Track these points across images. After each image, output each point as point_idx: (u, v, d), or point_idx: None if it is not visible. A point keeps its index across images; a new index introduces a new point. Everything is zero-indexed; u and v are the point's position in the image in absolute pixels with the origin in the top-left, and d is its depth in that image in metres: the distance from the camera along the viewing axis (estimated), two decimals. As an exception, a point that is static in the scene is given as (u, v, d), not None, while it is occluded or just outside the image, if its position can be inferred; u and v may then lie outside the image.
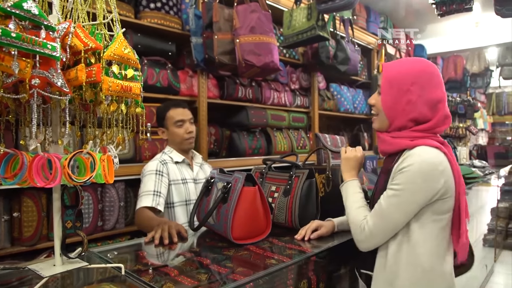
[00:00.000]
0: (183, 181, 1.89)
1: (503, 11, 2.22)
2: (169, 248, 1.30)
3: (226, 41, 2.17)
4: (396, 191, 1.11)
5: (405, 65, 1.18)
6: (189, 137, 1.91)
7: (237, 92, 2.77)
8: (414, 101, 1.14)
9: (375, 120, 1.26)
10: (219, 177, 1.45)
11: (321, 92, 3.57)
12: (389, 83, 1.17)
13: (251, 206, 1.30)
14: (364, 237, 1.16)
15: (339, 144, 2.05)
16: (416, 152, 1.11)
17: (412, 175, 1.08)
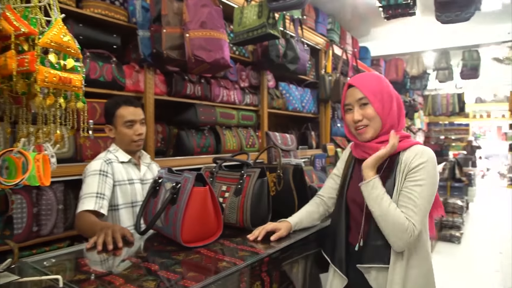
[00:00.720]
0: (130, 181, 1.79)
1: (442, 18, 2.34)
2: (113, 254, 1.21)
3: (175, 36, 2.09)
4: (423, 185, 1.23)
5: (369, 75, 1.39)
6: (138, 139, 1.80)
7: (186, 89, 2.69)
8: (395, 100, 1.35)
9: (366, 131, 1.34)
10: (168, 177, 1.38)
11: (270, 90, 3.57)
12: (372, 93, 1.31)
13: (202, 207, 1.25)
14: (413, 238, 1.21)
15: (289, 143, 2.05)
16: (425, 151, 1.28)
17: (431, 169, 1.25)
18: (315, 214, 1.53)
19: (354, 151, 1.44)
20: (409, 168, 1.27)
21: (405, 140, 1.34)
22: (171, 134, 2.75)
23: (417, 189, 1.23)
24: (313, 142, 4.15)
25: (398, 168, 1.30)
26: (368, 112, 1.32)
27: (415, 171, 1.25)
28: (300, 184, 1.69)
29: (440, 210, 1.42)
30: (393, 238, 1.22)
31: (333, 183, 1.55)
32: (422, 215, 1.23)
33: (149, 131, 2.46)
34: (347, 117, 1.38)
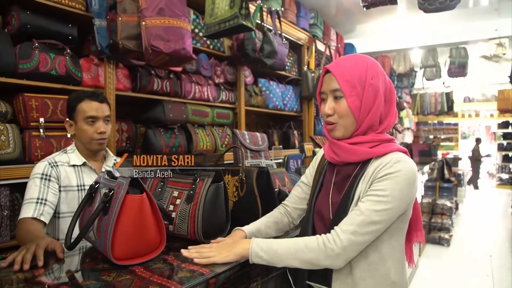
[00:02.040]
0: (80, 187, 1.60)
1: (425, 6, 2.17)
2: (33, 274, 1.01)
3: (131, 24, 1.89)
4: (382, 197, 1.01)
5: (352, 60, 1.12)
6: (99, 138, 1.61)
7: (152, 84, 2.49)
8: (380, 95, 1.10)
9: (335, 129, 1.12)
10: (105, 182, 1.18)
11: (248, 87, 3.39)
12: (348, 83, 1.08)
13: (138, 218, 1.06)
14: (335, 254, 1.01)
15: (259, 142, 1.86)
16: (403, 159, 1.06)
17: (401, 181, 1.03)
18: (277, 225, 1.32)
19: (326, 151, 1.22)
20: (374, 178, 1.06)
21: (382, 145, 1.11)
22: (137, 133, 2.55)
23: (370, 199, 1.02)
24: (296, 141, 3.98)
25: (361, 178, 1.09)
26: (340, 108, 1.09)
27: (378, 181, 1.04)
28: (266, 189, 1.50)
29: (420, 235, 1.22)
30: (318, 263, 1.03)
31: (300, 192, 1.35)
32: (364, 230, 1.00)
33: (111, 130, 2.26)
34: (322, 107, 1.16)
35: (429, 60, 5.76)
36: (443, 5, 2.16)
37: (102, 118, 1.62)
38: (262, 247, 1.05)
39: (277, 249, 1.04)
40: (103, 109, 1.63)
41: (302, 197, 1.34)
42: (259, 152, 1.93)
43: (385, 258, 1.06)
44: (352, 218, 1.02)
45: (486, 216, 7.60)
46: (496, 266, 4.63)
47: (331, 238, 1.02)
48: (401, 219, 1.08)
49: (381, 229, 1.02)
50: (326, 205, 1.15)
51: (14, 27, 1.95)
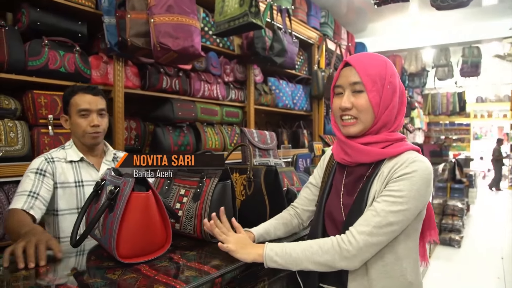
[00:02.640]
0: (78, 184, 1.57)
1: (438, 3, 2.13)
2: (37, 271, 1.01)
3: (140, 22, 1.88)
4: (398, 198, 0.99)
5: (372, 57, 1.11)
6: (92, 131, 1.56)
7: (161, 82, 2.48)
8: (396, 94, 1.09)
9: (353, 125, 1.09)
10: (111, 179, 1.17)
11: (258, 86, 3.37)
12: (370, 78, 1.06)
13: (143, 216, 1.05)
14: (351, 256, 0.99)
15: (268, 141, 1.84)
16: (418, 158, 1.03)
17: (417, 182, 1.00)
18: (287, 227, 1.30)
19: (335, 151, 1.19)
20: (389, 178, 1.03)
21: (395, 145, 1.09)
22: (146, 131, 2.54)
23: (386, 199, 1.00)
24: (305, 141, 3.95)
25: (375, 179, 1.06)
26: (360, 102, 1.07)
27: (394, 181, 1.02)
28: (274, 188, 1.48)
29: (434, 234, 1.19)
30: (334, 264, 1.01)
31: (309, 193, 1.32)
32: (380, 231, 0.98)
33: (119, 127, 2.27)
34: (335, 102, 1.13)
35: (441, 59, 5.68)
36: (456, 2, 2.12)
37: (95, 111, 1.58)
38: (276, 252, 1.04)
39: (292, 252, 1.03)
40: (97, 102, 1.59)
41: (311, 199, 1.32)
42: (268, 150, 1.91)
43: (401, 258, 1.04)
44: (368, 219, 1.00)
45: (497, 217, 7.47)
46: (508, 268, 4.54)
47: (346, 240, 1.00)
48: (417, 219, 1.06)
49: (397, 230, 1.00)
50: (337, 207, 1.13)
51: (24, 24, 1.95)
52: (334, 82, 1.14)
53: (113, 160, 1.71)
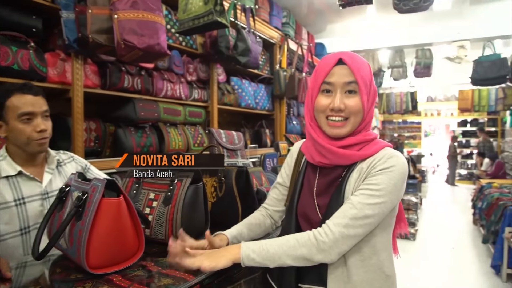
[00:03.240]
0: (18, 201, 1.34)
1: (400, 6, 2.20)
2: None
3: (103, 17, 1.80)
4: (376, 191, 1.00)
5: (362, 60, 1.10)
6: (39, 138, 1.37)
7: (123, 81, 2.39)
8: (376, 95, 1.13)
9: (344, 126, 1.07)
10: (77, 184, 1.11)
11: (221, 85, 3.33)
12: (363, 80, 1.06)
13: (115, 223, 1.00)
14: (328, 247, 0.99)
15: (235, 141, 1.82)
16: (395, 154, 1.06)
17: (395, 176, 1.02)
18: (260, 227, 1.28)
19: (307, 153, 1.16)
20: (368, 173, 1.05)
21: (371, 145, 1.09)
22: (107, 132, 2.44)
23: (363, 192, 1.01)
24: (268, 140, 3.96)
25: (350, 177, 1.07)
26: (353, 103, 1.05)
27: (372, 175, 1.03)
28: (245, 189, 1.47)
29: (404, 226, 1.22)
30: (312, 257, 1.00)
31: (277, 193, 1.31)
32: (356, 223, 0.99)
33: (78, 128, 2.16)
34: (321, 100, 1.08)
35: (396, 60, 5.90)
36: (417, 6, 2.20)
37: (40, 114, 1.38)
38: (253, 249, 1.02)
39: (269, 248, 1.01)
40: (40, 103, 1.39)
41: (280, 199, 1.31)
42: (236, 151, 1.90)
43: (378, 251, 1.06)
44: (345, 211, 1.01)
45: (448, 210, 7.89)
46: (458, 258, 4.81)
47: (323, 232, 1.00)
48: (392, 213, 1.08)
49: (373, 223, 1.01)
50: (312, 207, 1.12)
51: (-29, 17, 1.81)
52: (322, 77, 1.08)
53: (57, 167, 1.51)
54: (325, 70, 1.07)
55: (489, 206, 4.93)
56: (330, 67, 1.06)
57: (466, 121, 12.40)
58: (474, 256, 4.84)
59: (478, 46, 5.46)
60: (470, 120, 12.32)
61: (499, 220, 4.35)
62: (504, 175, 7.59)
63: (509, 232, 3.94)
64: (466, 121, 12.40)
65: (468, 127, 12.30)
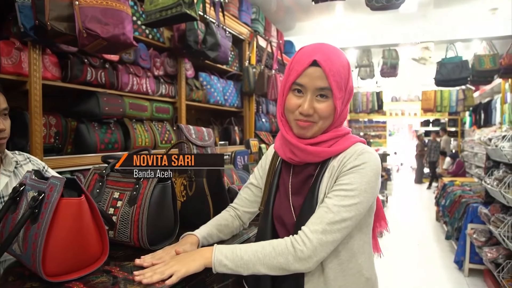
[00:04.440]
0: None
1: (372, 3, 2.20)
2: None
3: (63, 3, 1.67)
4: (350, 192, 0.95)
5: (337, 56, 1.01)
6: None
7: (85, 74, 2.26)
8: (352, 94, 1.07)
9: (309, 128, 1.02)
10: (32, 183, 1.00)
11: (189, 81, 3.24)
12: (338, 85, 0.99)
13: (75, 226, 0.91)
14: (306, 256, 0.93)
15: (205, 137, 1.75)
16: (366, 150, 1.01)
17: (367, 174, 0.97)
18: (229, 228, 1.23)
19: (280, 149, 1.11)
20: (340, 171, 1.00)
21: (342, 140, 1.05)
22: (68, 128, 2.30)
23: (337, 194, 0.96)
24: (237, 138, 3.90)
25: (324, 175, 1.02)
26: (323, 108, 1.00)
27: (344, 175, 0.98)
28: (217, 187, 1.40)
29: (384, 224, 1.19)
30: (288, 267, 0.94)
31: (250, 194, 1.26)
32: (334, 228, 0.93)
33: (36, 123, 2.02)
34: (292, 100, 1.03)
35: (364, 60, 5.98)
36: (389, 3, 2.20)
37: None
38: (226, 255, 0.95)
39: (243, 255, 0.95)
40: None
41: (253, 200, 1.26)
42: (206, 148, 1.82)
43: (356, 254, 1.02)
44: (321, 216, 0.95)
45: (412, 207, 8.12)
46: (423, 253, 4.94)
47: (300, 240, 0.94)
48: (369, 213, 1.05)
49: (351, 225, 0.96)
50: (287, 209, 1.07)
51: None
52: (294, 77, 1.01)
53: (15, 169, 1.39)
54: (297, 70, 1.01)
55: (452, 204, 5.09)
56: (303, 68, 0.99)
57: (429, 121, 12.83)
58: (438, 252, 4.99)
59: (442, 48, 5.63)
60: (432, 120, 12.75)
61: (462, 217, 4.50)
62: (464, 173, 7.88)
63: (471, 228, 4.07)
64: (429, 121, 12.83)
65: (430, 127, 12.73)
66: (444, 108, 8.38)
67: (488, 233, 3.86)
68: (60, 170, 2.14)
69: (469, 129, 9.91)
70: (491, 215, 3.66)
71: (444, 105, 8.32)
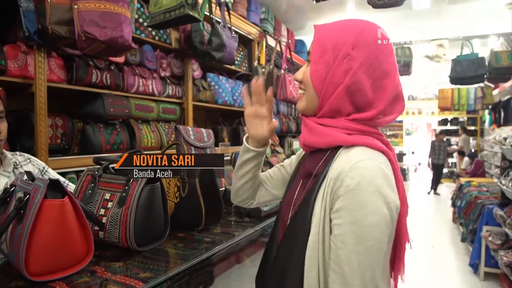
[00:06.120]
0: None
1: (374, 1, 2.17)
2: None
3: (63, 8, 1.70)
4: (347, 243, 0.75)
5: (344, 24, 0.87)
6: None
7: (90, 76, 2.30)
8: (355, 72, 0.82)
9: (300, 99, 0.93)
10: (21, 184, 1.03)
11: (196, 81, 3.25)
12: (321, 46, 0.85)
13: (58, 226, 0.92)
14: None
15: (205, 138, 1.76)
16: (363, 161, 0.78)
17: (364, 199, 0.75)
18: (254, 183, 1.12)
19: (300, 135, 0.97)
20: (332, 191, 0.79)
21: (356, 136, 0.84)
22: (74, 129, 2.34)
23: (340, 249, 0.76)
24: (246, 138, 3.89)
25: (325, 178, 0.82)
26: (305, 74, 0.90)
27: (337, 203, 0.77)
28: (210, 189, 1.40)
29: (398, 270, 1.00)
30: None
31: (275, 171, 1.15)
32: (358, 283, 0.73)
33: (41, 125, 2.06)
34: None
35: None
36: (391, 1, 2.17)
37: None
38: None
39: None
40: None
41: (276, 178, 1.14)
42: (205, 149, 1.83)
43: None
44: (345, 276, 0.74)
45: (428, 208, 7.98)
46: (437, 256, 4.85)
47: None
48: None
49: (384, 272, 0.79)
50: (289, 203, 0.93)
51: None
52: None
53: (13, 170, 1.42)
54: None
55: (467, 205, 4.98)
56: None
57: (447, 120, 12.57)
58: (453, 254, 4.88)
59: (457, 45, 5.50)
60: (450, 119, 12.49)
61: (477, 218, 4.39)
62: (483, 174, 7.69)
63: (487, 231, 3.97)
64: (447, 119, 12.57)
65: (448, 125, 12.47)
66: (461, 107, 8.18)
67: (504, 236, 3.76)
68: (66, 171, 2.19)
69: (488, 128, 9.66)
70: (507, 217, 3.57)
71: (462, 103, 8.13)
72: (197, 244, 1.23)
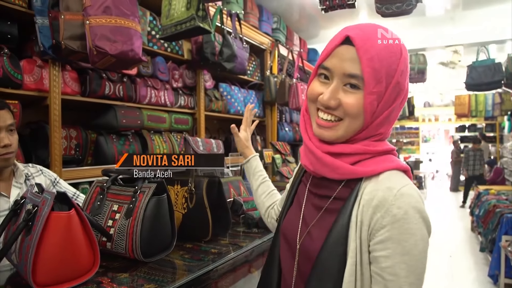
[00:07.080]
0: None
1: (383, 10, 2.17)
2: None
3: (75, 23, 1.76)
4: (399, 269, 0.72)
5: (384, 38, 0.76)
6: (4, 153, 1.32)
7: (104, 88, 2.35)
8: (401, 98, 0.78)
9: (332, 129, 0.78)
10: (31, 197, 1.06)
11: (208, 92, 3.28)
12: (375, 73, 0.73)
13: (65, 238, 0.95)
14: None
15: (214, 149, 1.77)
16: (406, 192, 0.73)
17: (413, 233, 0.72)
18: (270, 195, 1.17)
19: (302, 151, 0.88)
20: (371, 220, 0.73)
21: (374, 160, 0.78)
22: (88, 140, 2.39)
23: (391, 281, 0.72)
24: (259, 147, 3.91)
25: (356, 205, 0.76)
26: (351, 103, 0.75)
27: (382, 233, 0.72)
28: (217, 200, 1.41)
29: None
30: None
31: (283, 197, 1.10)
32: None
33: (56, 136, 2.11)
34: (315, 86, 0.81)
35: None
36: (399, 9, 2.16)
37: (4, 128, 1.34)
38: None
39: None
40: (5, 117, 1.34)
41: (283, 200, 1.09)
42: (214, 159, 1.84)
43: None
44: None
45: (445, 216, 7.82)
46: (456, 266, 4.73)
47: None
48: None
49: None
50: (293, 225, 0.87)
51: None
52: (321, 59, 0.80)
53: (25, 181, 1.46)
54: (327, 49, 0.79)
55: (486, 214, 4.87)
56: (333, 47, 0.77)
57: (464, 127, 12.35)
58: (472, 264, 4.77)
59: (472, 51, 5.42)
60: (468, 125, 12.26)
61: (496, 228, 4.29)
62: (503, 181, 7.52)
63: (506, 240, 3.87)
64: (464, 126, 12.35)
65: (466, 132, 12.24)
66: (479, 113, 8.05)
67: (523, 246, 3.66)
68: (79, 181, 2.24)
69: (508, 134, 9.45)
70: (526, 227, 3.47)
71: (480, 109, 8.00)
72: (204, 255, 1.24)
